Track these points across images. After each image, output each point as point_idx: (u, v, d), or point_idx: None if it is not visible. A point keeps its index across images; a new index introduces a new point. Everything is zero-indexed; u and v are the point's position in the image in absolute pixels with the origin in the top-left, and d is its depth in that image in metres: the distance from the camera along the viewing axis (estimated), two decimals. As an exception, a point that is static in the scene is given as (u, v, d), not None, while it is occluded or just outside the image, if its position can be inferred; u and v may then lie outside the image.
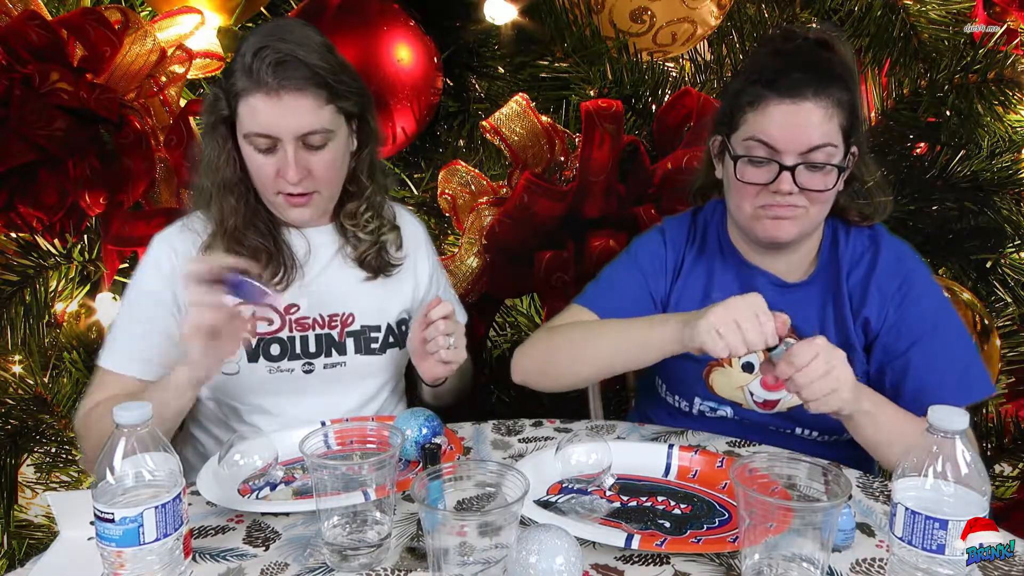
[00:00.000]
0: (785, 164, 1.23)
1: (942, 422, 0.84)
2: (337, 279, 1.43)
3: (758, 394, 1.37)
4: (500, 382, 2.16)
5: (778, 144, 1.24)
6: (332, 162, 1.32)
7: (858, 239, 1.37)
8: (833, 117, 1.24)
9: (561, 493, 1.10)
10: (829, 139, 1.23)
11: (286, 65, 1.24)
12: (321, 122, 1.28)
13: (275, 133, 1.27)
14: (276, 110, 1.25)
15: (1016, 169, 2.05)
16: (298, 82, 1.25)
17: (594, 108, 1.74)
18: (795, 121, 1.23)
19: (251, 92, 1.26)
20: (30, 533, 2.18)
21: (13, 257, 2.03)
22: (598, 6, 2.02)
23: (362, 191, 1.42)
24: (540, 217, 1.82)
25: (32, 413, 2.13)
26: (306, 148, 1.29)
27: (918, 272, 1.33)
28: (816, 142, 1.23)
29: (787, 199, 1.25)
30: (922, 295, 1.31)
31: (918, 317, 1.29)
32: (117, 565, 0.86)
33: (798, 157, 1.23)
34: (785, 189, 1.24)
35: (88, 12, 1.74)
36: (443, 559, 0.84)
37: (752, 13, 2.16)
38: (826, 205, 1.29)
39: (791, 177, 1.23)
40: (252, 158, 1.31)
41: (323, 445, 1.03)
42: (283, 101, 1.25)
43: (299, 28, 1.31)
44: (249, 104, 1.27)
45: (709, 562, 0.95)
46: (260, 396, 1.38)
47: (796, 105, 1.23)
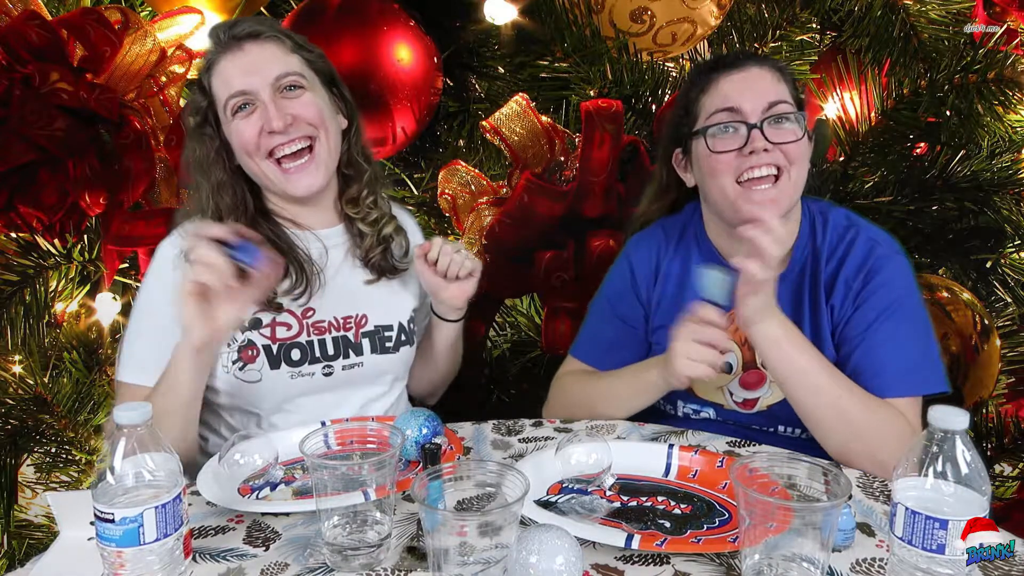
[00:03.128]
0: (750, 122, 1.28)
1: (942, 422, 0.84)
2: (348, 281, 1.44)
3: (737, 394, 1.38)
4: (500, 382, 2.16)
5: (739, 104, 1.29)
6: (314, 104, 1.33)
7: (835, 231, 1.37)
8: (781, 80, 1.32)
9: (561, 493, 1.10)
10: (783, 96, 1.30)
11: (241, 22, 1.32)
12: (291, 65, 1.32)
13: (249, 87, 1.29)
14: (243, 62, 1.29)
15: (1016, 169, 2.05)
16: (256, 32, 1.31)
17: (594, 108, 1.75)
18: (747, 83, 1.30)
19: (218, 58, 1.31)
20: (30, 533, 2.18)
21: (13, 257, 2.03)
22: (598, 6, 2.02)
23: (361, 173, 1.44)
24: (540, 217, 1.83)
25: (32, 413, 2.13)
26: (284, 97, 1.30)
27: (888, 263, 1.31)
28: (773, 98, 1.29)
29: (763, 158, 1.27)
30: (884, 284, 1.30)
31: (875, 304, 1.29)
32: (117, 565, 0.86)
33: (761, 114, 1.28)
34: (760, 146, 1.26)
35: (88, 12, 1.75)
36: (443, 559, 0.84)
37: (752, 13, 2.16)
38: (803, 166, 1.30)
39: (760, 133, 1.27)
40: (237, 130, 1.31)
41: (323, 445, 1.03)
42: (248, 53, 1.30)
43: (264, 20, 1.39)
44: (218, 71, 1.31)
45: (709, 562, 0.95)
46: (281, 401, 1.38)
47: (744, 71, 1.31)
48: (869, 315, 1.29)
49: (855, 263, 1.32)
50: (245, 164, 1.34)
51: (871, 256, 1.32)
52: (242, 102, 1.29)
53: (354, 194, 1.43)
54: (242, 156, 1.33)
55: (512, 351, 2.23)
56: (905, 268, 1.33)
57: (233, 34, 1.30)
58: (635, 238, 1.53)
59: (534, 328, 2.25)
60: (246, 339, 1.34)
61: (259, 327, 1.34)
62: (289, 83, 1.30)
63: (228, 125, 1.32)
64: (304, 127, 1.31)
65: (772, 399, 1.36)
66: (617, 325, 1.47)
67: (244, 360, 1.33)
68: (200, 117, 1.33)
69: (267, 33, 1.32)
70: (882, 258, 1.31)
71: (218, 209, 1.34)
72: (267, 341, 1.34)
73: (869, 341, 1.28)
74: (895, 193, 2.05)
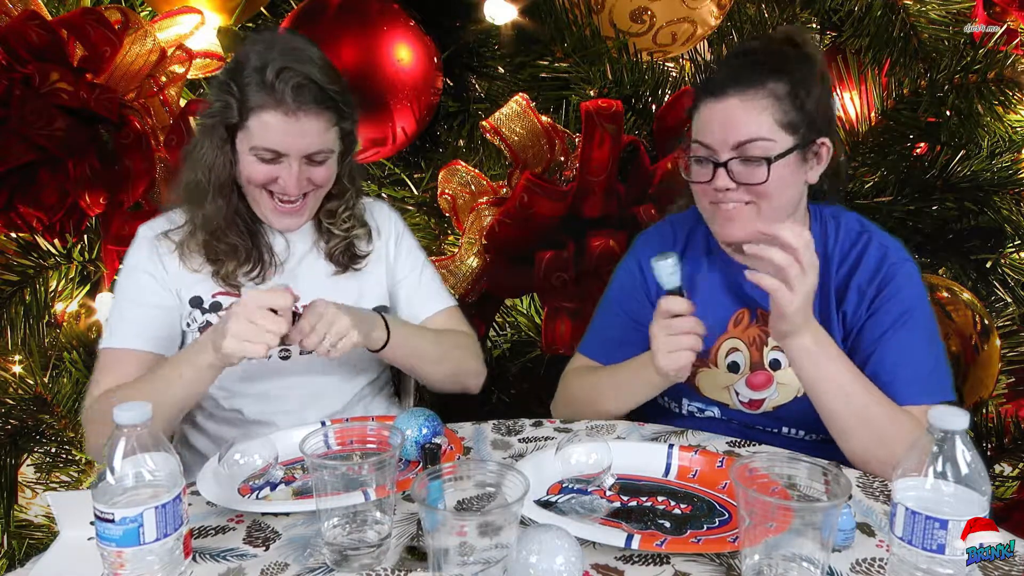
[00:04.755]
0: (718, 161, 1.26)
1: (942, 422, 0.84)
2: (311, 272, 1.46)
3: (743, 394, 1.37)
4: (500, 382, 2.16)
5: (709, 141, 1.26)
6: (329, 174, 1.39)
7: (847, 236, 1.36)
8: (764, 111, 1.24)
9: (561, 493, 1.10)
10: (760, 134, 1.24)
11: (306, 89, 1.29)
12: (327, 143, 1.34)
13: (285, 150, 1.32)
14: (291, 129, 1.30)
15: (1016, 169, 2.05)
16: (316, 106, 1.30)
17: (594, 108, 1.74)
18: (720, 118, 1.25)
19: (268, 109, 1.29)
20: (30, 533, 2.19)
21: (13, 257, 2.03)
22: (598, 6, 2.02)
23: (343, 193, 1.46)
24: (540, 217, 1.82)
25: (32, 413, 2.13)
26: (308, 164, 1.34)
27: (900, 270, 1.31)
28: (743, 137, 1.24)
29: (728, 195, 1.26)
30: (898, 292, 1.29)
31: (888, 312, 1.29)
32: (117, 565, 0.86)
33: (730, 152, 1.25)
34: (721, 185, 1.25)
35: (88, 12, 1.75)
36: (443, 559, 0.84)
37: (752, 13, 2.16)
38: (776, 199, 1.27)
39: (725, 172, 1.25)
40: (250, 164, 1.34)
41: (323, 445, 1.03)
42: (300, 122, 1.30)
43: (305, 45, 1.35)
44: (263, 120, 1.30)
45: (709, 562, 0.95)
46: (241, 383, 1.41)
47: (720, 102, 1.25)
48: (884, 323, 1.28)
49: (868, 270, 1.32)
50: (244, 186, 1.38)
51: (884, 263, 1.31)
52: (270, 157, 1.32)
53: (332, 208, 1.46)
54: (244, 182, 1.37)
55: (512, 351, 2.23)
56: (916, 276, 1.33)
57: (297, 101, 1.28)
58: (644, 236, 1.52)
59: (534, 328, 2.25)
60: (205, 320, 1.39)
61: (219, 309, 1.39)
62: (319, 158, 1.35)
63: (243, 148, 1.34)
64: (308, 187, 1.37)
65: (779, 400, 1.35)
66: (624, 322, 1.46)
67: None
68: (221, 126, 1.34)
69: (323, 111, 1.31)
70: (895, 265, 1.31)
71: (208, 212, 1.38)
72: None
73: (883, 349, 1.27)
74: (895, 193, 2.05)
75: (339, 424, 1.20)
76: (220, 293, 1.40)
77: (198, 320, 1.40)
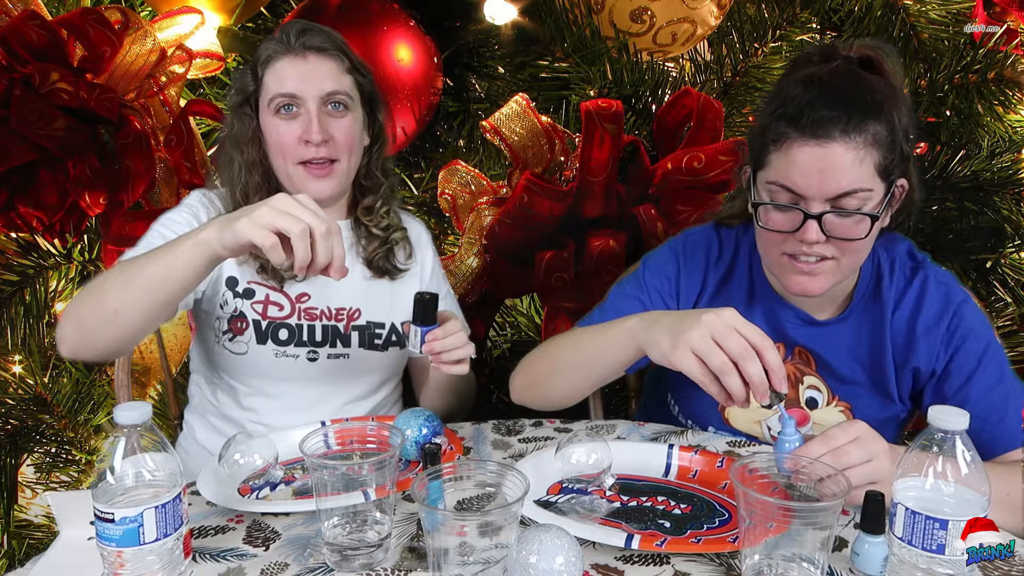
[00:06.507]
0: (810, 212, 1.12)
1: (942, 422, 0.84)
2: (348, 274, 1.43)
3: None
4: (500, 382, 2.16)
5: (802, 190, 1.12)
6: (350, 129, 1.39)
7: (902, 274, 1.28)
8: (866, 158, 1.10)
9: (561, 493, 1.10)
10: (861, 184, 1.10)
11: (312, 32, 1.37)
12: (343, 85, 1.37)
13: (300, 92, 1.34)
14: (302, 70, 1.35)
15: (1016, 169, 2.04)
16: (322, 46, 1.36)
17: (594, 108, 1.74)
18: (820, 166, 1.10)
19: (278, 56, 1.36)
20: (30, 533, 2.18)
21: (13, 257, 2.03)
22: (598, 6, 2.02)
23: (378, 186, 1.48)
24: (540, 217, 1.82)
25: (32, 413, 2.13)
26: (328, 113, 1.36)
27: (965, 308, 1.25)
28: (845, 188, 1.10)
29: (814, 248, 1.14)
30: (972, 330, 1.24)
31: (969, 353, 1.23)
32: (117, 565, 0.86)
33: (825, 204, 1.12)
34: (812, 239, 1.13)
35: (88, 12, 1.74)
36: (443, 559, 0.84)
37: (752, 13, 2.16)
38: (860, 254, 1.18)
39: (818, 226, 1.12)
40: (275, 127, 1.36)
41: (323, 445, 1.03)
42: (308, 62, 1.35)
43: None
44: (275, 69, 1.36)
45: (709, 562, 0.95)
46: (263, 380, 1.41)
47: (822, 148, 1.09)
48: (970, 363, 1.23)
49: (933, 315, 1.25)
50: (274, 161, 1.40)
51: (949, 303, 1.26)
52: (288, 103, 1.35)
53: (369, 204, 1.48)
54: (275, 154, 1.38)
55: (512, 351, 2.22)
56: (977, 307, 1.29)
57: (302, 42, 1.36)
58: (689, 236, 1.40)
59: (534, 328, 2.25)
60: (238, 310, 1.38)
61: (251, 298, 1.38)
62: (336, 100, 1.37)
63: (266, 116, 1.37)
64: (333, 150, 1.37)
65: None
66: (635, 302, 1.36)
67: (233, 331, 1.38)
68: (242, 98, 1.39)
69: (331, 50, 1.38)
70: (961, 304, 1.26)
71: (247, 186, 1.39)
72: (257, 316, 1.38)
73: (978, 389, 1.22)
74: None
75: (339, 424, 1.20)
76: (256, 283, 1.39)
77: (229, 303, 1.38)
